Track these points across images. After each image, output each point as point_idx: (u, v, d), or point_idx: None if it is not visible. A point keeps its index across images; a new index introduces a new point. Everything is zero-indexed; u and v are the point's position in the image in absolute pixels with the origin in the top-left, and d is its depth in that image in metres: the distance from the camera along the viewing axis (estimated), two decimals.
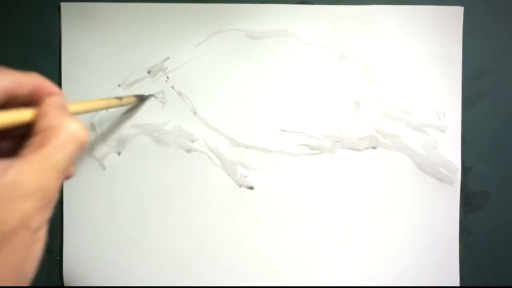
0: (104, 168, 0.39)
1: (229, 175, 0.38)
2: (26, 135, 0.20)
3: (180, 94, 0.38)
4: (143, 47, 0.38)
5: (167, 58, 0.38)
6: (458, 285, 0.37)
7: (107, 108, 0.34)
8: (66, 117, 0.20)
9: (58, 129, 0.19)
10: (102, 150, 0.39)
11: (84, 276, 0.39)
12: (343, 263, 0.38)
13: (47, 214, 0.19)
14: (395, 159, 0.37)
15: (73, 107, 0.25)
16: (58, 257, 0.39)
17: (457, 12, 0.37)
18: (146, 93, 0.38)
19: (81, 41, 0.38)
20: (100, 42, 0.38)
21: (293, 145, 0.38)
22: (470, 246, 0.38)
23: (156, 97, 0.38)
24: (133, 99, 0.36)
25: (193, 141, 0.38)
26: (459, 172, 0.37)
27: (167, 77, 0.38)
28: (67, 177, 0.22)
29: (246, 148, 0.38)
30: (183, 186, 0.38)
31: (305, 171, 0.38)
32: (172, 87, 0.38)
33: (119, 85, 0.38)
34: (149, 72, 0.38)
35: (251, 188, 0.38)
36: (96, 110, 0.31)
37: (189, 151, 0.38)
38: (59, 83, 0.39)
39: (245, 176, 0.38)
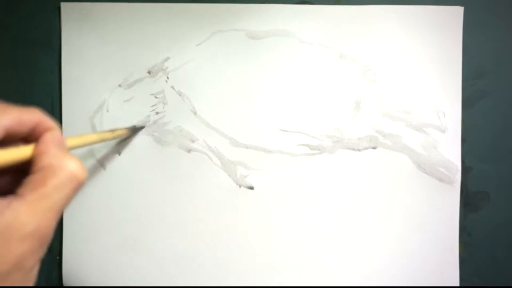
0: (104, 168, 0.39)
1: (229, 175, 0.38)
2: (25, 170, 0.19)
3: (180, 94, 0.38)
4: (143, 47, 0.38)
5: (167, 58, 0.38)
6: (458, 285, 0.37)
7: (101, 141, 0.34)
8: (65, 156, 0.20)
9: (57, 168, 0.19)
10: (102, 150, 0.39)
11: (84, 276, 0.39)
12: (343, 263, 0.38)
13: (41, 253, 0.19)
14: (395, 159, 0.37)
15: (69, 142, 0.25)
16: (58, 257, 0.39)
17: (457, 12, 0.37)
18: (146, 93, 0.38)
19: (81, 41, 0.39)
20: (100, 42, 0.38)
21: (293, 145, 0.38)
22: (470, 246, 0.38)
23: (157, 96, 0.38)
24: (124, 131, 0.36)
25: (193, 141, 0.38)
26: (459, 172, 0.37)
27: (167, 77, 0.38)
28: None
29: (246, 148, 0.38)
30: (183, 186, 0.38)
31: (305, 171, 0.38)
32: (172, 87, 0.38)
33: (119, 85, 0.39)
34: (149, 72, 0.38)
35: (251, 188, 0.38)
36: (91, 143, 0.31)
37: (189, 151, 0.38)
38: (59, 83, 0.39)
39: (245, 176, 0.38)
